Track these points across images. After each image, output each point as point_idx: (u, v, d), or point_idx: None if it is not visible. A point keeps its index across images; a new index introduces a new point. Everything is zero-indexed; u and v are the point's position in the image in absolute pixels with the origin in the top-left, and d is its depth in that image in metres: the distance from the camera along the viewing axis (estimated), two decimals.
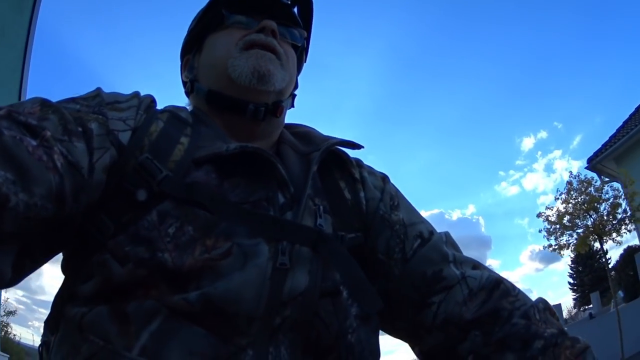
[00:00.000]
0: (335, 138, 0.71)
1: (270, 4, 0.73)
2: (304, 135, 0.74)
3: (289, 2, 0.76)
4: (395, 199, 0.72)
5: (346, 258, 0.57)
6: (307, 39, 0.81)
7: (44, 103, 0.54)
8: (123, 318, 0.49)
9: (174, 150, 0.59)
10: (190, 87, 0.74)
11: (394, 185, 0.75)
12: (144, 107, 0.63)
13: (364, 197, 0.70)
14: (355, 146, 0.72)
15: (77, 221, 0.53)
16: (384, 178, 0.75)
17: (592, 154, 10.39)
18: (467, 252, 0.70)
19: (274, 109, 0.69)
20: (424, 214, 0.75)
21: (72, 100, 0.59)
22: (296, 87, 0.79)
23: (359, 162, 0.75)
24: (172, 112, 0.65)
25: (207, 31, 0.74)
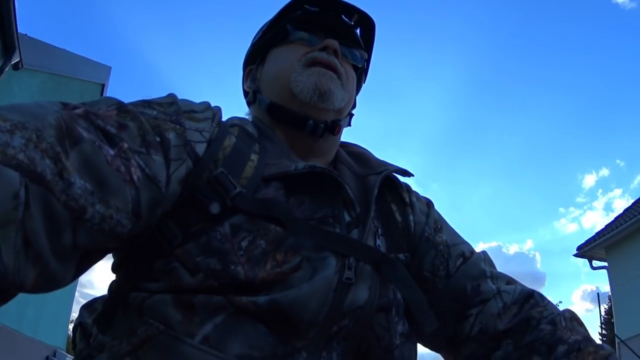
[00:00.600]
0: (390, 164, 0.74)
1: (335, 24, 0.75)
2: (359, 156, 0.77)
3: (352, 24, 0.78)
4: (439, 223, 0.76)
5: (409, 280, 0.60)
6: (368, 61, 0.82)
7: (120, 107, 0.53)
8: (188, 307, 0.50)
9: (246, 167, 0.60)
10: (252, 97, 0.76)
11: (437, 211, 0.78)
12: (217, 119, 0.64)
13: (412, 220, 0.73)
14: (407, 174, 0.75)
15: (147, 233, 0.53)
16: (429, 203, 0.78)
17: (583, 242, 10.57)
18: None
19: (332, 127, 0.71)
20: (482, 246, 0.82)
21: (148, 104, 0.58)
22: (354, 106, 0.81)
23: (408, 187, 0.78)
24: (241, 126, 0.66)
25: (271, 44, 0.76)
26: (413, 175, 0.75)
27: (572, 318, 0.66)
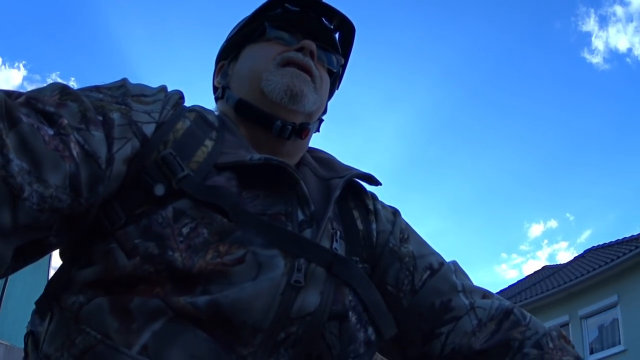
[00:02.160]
0: (356, 169, 0.71)
1: (314, 26, 0.73)
2: (325, 161, 0.74)
3: (332, 27, 0.76)
4: (406, 232, 0.72)
5: (364, 280, 0.57)
6: (344, 67, 0.80)
7: (63, 90, 0.53)
8: (125, 314, 0.48)
9: (197, 151, 0.58)
10: (221, 93, 0.73)
11: (404, 220, 0.75)
12: (172, 102, 0.62)
13: (375, 229, 0.69)
14: (374, 182, 0.71)
15: (92, 214, 0.51)
16: (395, 212, 0.75)
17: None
18: None
19: (300, 130, 0.68)
20: None
21: (96, 89, 0.58)
22: (325, 112, 0.78)
23: (373, 195, 0.75)
24: (200, 112, 0.64)
25: (247, 41, 0.74)
26: (381, 184, 0.72)
27: (559, 336, 0.63)
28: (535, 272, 15.00)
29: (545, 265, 15.26)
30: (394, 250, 0.68)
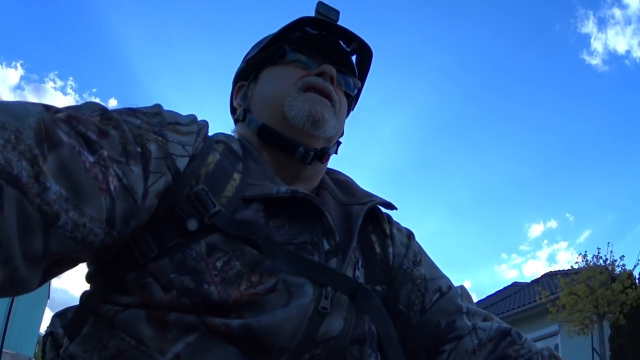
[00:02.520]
0: (375, 195, 0.73)
1: (332, 50, 0.75)
2: (344, 184, 0.76)
3: (349, 50, 0.78)
4: (419, 256, 0.75)
5: (382, 312, 0.61)
6: (360, 89, 0.83)
7: (104, 113, 0.53)
8: (161, 324, 0.49)
9: (227, 185, 0.59)
10: (242, 115, 0.74)
11: (418, 243, 0.78)
12: (202, 134, 0.63)
13: (391, 253, 0.72)
14: (390, 206, 0.74)
15: (120, 244, 0.52)
16: (410, 235, 0.78)
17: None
18: None
19: (321, 155, 0.71)
20: None
21: (133, 112, 0.58)
22: (342, 134, 0.80)
23: (390, 219, 0.77)
24: (227, 143, 0.66)
25: (266, 63, 0.75)
26: (397, 209, 0.75)
27: (551, 355, 0.66)
28: (503, 289, 15.19)
29: (515, 282, 15.48)
30: (407, 272, 0.72)
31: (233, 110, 0.80)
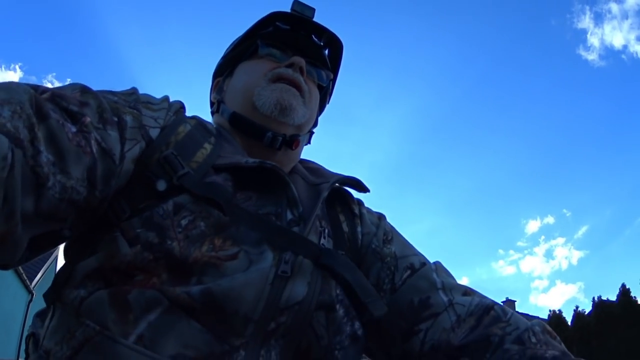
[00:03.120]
0: (345, 175, 0.74)
1: (304, 43, 0.79)
2: (315, 169, 0.79)
3: (322, 44, 0.81)
4: (390, 234, 0.75)
5: (352, 267, 0.60)
6: (333, 82, 0.86)
7: (84, 89, 0.57)
8: (123, 305, 0.50)
9: (197, 152, 0.63)
10: (216, 107, 0.79)
11: (389, 223, 0.78)
12: (173, 109, 0.67)
13: (360, 232, 0.73)
14: (362, 188, 0.75)
15: (103, 207, 0.56)
16: (381, 216, 0.79)
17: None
18: None
19: (290, 141, 0.74)
20: None
21: (111, 92, 0.63)
22: (315, 125, 0.83)
23: (359, 201, 0.79)
24: (200, 120, 0.70)
25: (241, 58, 0.79)
26: (369, 191, 0.75)
27: (544, 331, 0.62)
28: None
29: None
30: (376, 251, 0.71)
31: (211, 105, 0.84)
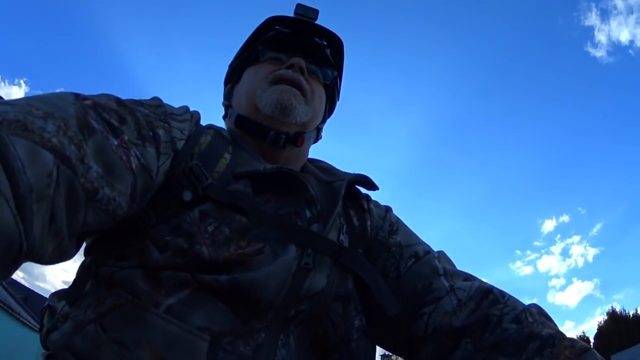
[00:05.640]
0: (356, 173, 0.78)
1: (305, 44, 0.81)
2: (326, 169, 0.83)
3: (325, 43, 0.83)
4: (395, 225, 0.79)
5: (368, 266, 0.64)
6: (340, 78, 0.89)
7: (119, 101, 0.59)
8: (156, 280, 0.53)
9: (219, 162, 0.66)
10: (225, 112, 0.83)
11: (395, 215, 0.82)
12: (194, 120, 0.71)
13: (369, 226, 0.76)
14: (372, 186, 0.78)
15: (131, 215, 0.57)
16: (387, 209, 0.82)
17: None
18: None
19: (294, 139, 0.76)
20: None
21: (140, 104, 0.64)
22: (324, 122, 0.86)
23: (367, 197, 0.82)
24: (217, 129, 0.73)
25: (246, 64, 0.82)
26: (378, 189, 0.78)
27: (540, 313, 0.65)
28: None
29: None
30: (382, 242, 0.75)
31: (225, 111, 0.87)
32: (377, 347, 0.69)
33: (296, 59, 0.77)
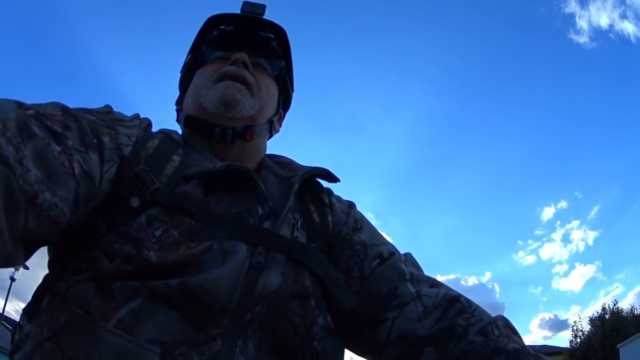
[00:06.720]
0: (315, 167, 0.77)
1: (249, 39, 0.81)
2: (285, 163, 0.81)
3: (272, 36, 0.83)
4: (359, 223, 0.77)
5: (322, 260, 0.63)
6: (289, 68, 0.87)
7: (64, 110, 0.59)
8: (107, 293, 0.53)
9: (167, 165, 0.65)
10: (177, 116, 0.83)
11: (359, 212, 0.81)
12: (143, 126, 0.70)
13: (331, 221, 0.75)
14: (332, 178, 0.77)
15: (80, 226, 0.58)
16: (351, 205, 0.81)
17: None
18: None
19: (242, 133, 0.75)
20: (440, 278, 0.76)
21: (88, 111, 0.64)
22: (277, 114, 0.85)
23: (329, 191, 0.81)
24: (166, 132, 0.72)
25: (195, 67, 0.82)
26: (339, 181, 0.77)
27: (506, 325, 0.64)
28: None
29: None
30: (346, 239, 0.74)
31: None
32: None
33: (238, 54, 0.77)
